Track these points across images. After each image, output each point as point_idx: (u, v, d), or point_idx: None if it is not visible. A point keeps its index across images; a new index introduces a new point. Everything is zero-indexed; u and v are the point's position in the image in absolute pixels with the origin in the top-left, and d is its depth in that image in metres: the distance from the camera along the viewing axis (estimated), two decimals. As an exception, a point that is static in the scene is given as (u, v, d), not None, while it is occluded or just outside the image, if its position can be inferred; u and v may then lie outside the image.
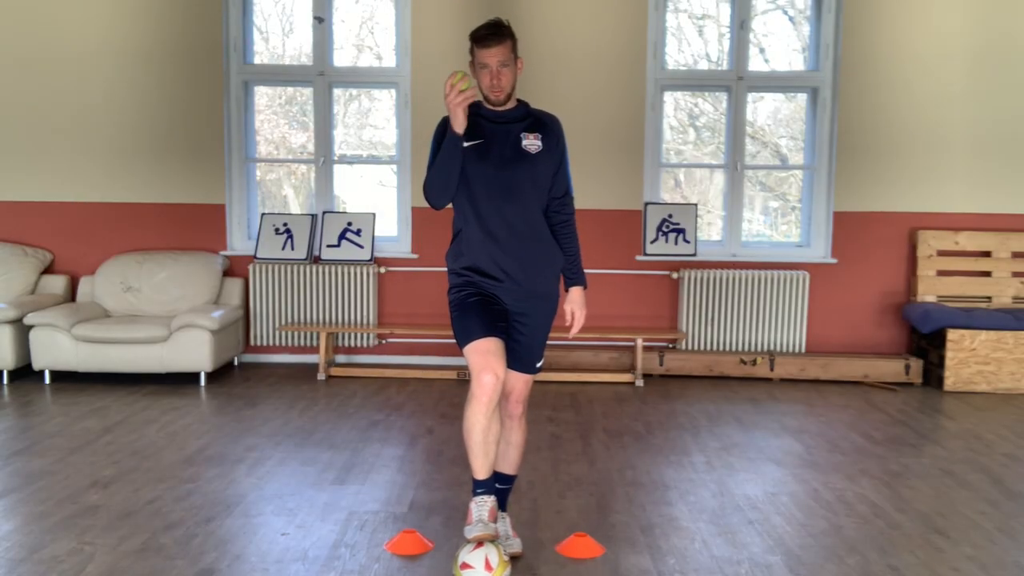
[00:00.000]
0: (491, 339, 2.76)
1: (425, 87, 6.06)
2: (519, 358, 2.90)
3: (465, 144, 2.78)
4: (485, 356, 2.71)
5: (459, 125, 2.70)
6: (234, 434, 4.42)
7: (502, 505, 3.04)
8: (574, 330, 3.00)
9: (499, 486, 2.95)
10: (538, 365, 2.97)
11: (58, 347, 5.39)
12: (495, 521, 2.79)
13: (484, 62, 2.78)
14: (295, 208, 6.78)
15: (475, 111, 2.87)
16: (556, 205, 2.91)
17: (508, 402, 2.96)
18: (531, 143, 2.83)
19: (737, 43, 6.11)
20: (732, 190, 6.23)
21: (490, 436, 2.73)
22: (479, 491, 2.80)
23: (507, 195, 2.81)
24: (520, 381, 2.95)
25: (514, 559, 2.92)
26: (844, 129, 6.04)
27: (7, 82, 6.05)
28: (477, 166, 2.79)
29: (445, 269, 3.04)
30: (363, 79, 6.38)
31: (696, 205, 6.14)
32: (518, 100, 2.92)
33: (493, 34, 2.76)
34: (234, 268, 6.21)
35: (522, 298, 2.86)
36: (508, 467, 3.02)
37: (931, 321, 5.64)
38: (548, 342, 3.04)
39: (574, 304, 2.98)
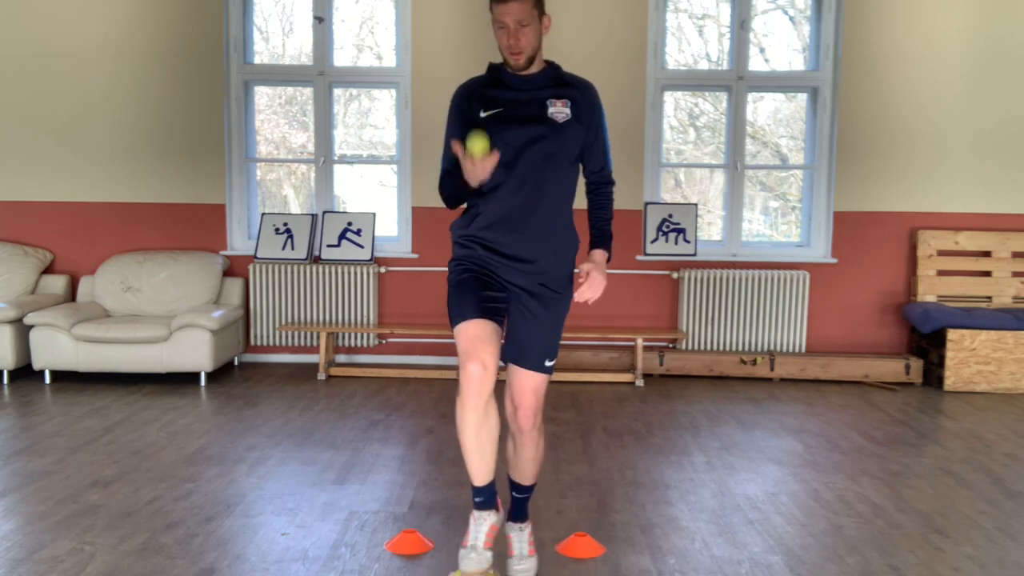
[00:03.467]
0: (482, 322, 2.45)
1: (425, 87, 6.06)
2: (524, 351, 2.56)
3: (483, 114, 2.52)
4: (472, 342, 2.41)
5: (476, 183, 2.43)
6: (234, 434, 4.42)
7: (521, 515, 2.80)
8: (586, 293, 2.52)
9: (515, 495, 2.77)
10: (548, 364, 2.59)
11: (58, 347, 5.39)
12: (492, 547, 2.57)
13: (501, 20, 2.45)
14: (295, 208, 6.78)
15: (496, 75, 2.59)
16: (592, 179, 2.64)
17: (516, 416, 2.62)
18: (558, 111, 2.52)
19: (737, 43, 6.11)
20: (732, 190, 6.23)
21: (484, 435, 2.45)
22: (478, 501, 2.55)
23: (529, 169, 2.50)
24: (528, 388, 2.58)
25: None
26: (844, 129, 6.04)
27: (7, 82, 6.05)
28: (496, 137, 2.47)
29: (446, 269, 2.95)
30: (363, 79, 6.37)
31: (696, 205, 6.13)
32: (546, 62, 2.61)
33: None
34: (234, 268, 6.21)
35: (532, 284, 2.56)
36: (522, 478, 2.75)
37: (931, 321, 5.64)
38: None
39: (594, 264, 2.55)
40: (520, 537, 2.77)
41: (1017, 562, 2.98)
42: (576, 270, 2.58)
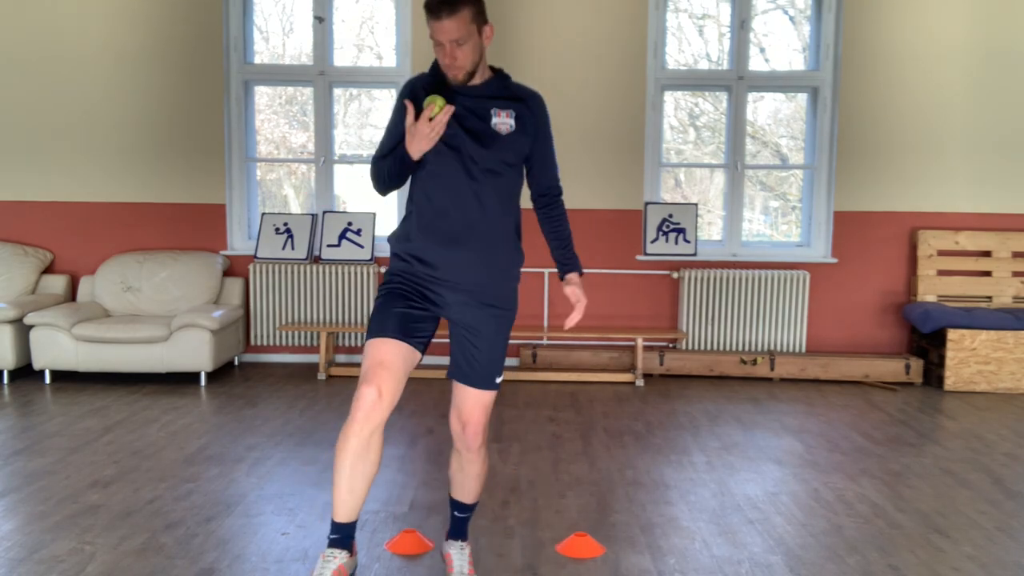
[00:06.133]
0: (396, 343, 2.32)
1: (425, 87, 6.05)
2: (472, 370, 2.46)
3: None
4: (376, 365, 2.28)
5: (418, 153, 2.33)
6: (234, 434, 4.42)
7: (462, 533, 2.76)
8: (574, 317, 2.52)
9: (457, 514, 2.73)
10: (498, 380, 2.51)
11: (58, 347, 5.39)
12: None
13: (436, 39, 2.33)
14: (295, 208, 6.78)
15: (442, 78, 2.43)
16: (543, 192, 2.56)
17: (465, 433, 2.52)
18: (502, 121, 2.40)
19: (737, 43, 6.11)
20: (732, 190, 6.23)
21: (359, 467, 2.27)
22: (333, 538, 2.35)
23: (468, 181, 2.38)
24: (478, 406, 2.49)
25: None
26: (844, 129, 6.04)
27: (7, 82, 6.05)
28: (435, 145, 2.36)
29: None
30: (363, 79, 6.37)
31: (696, 205, 6.13)
32: (494, 70, 2.48)
33: (444, 3, 2.28)
34: (234, 268, 6.21)
35: (474, 301, 2.45)
36: (465, 496, 2.70)
37: (931, 321, 5.64)
38: (549, 341, 2.85)
39: (576, 288, 2.55)
40: (460, 556, 2.71)
41: (1017, 562, 2.98)
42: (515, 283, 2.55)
